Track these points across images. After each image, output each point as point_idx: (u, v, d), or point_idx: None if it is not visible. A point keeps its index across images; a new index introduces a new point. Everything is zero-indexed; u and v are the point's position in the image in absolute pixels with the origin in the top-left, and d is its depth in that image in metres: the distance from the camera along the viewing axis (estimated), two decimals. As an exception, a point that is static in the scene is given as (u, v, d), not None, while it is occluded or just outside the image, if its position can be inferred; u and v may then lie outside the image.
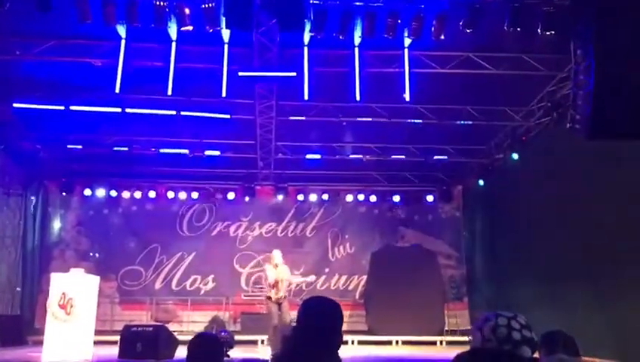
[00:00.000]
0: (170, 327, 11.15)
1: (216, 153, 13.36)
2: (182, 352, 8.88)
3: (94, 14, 8.24)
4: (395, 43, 9.77)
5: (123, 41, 9.86)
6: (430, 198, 15.44)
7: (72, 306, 8.78)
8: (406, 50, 9.99)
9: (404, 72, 10.04)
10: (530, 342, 2.21)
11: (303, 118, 12.19)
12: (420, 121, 11.80)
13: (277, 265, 9.85)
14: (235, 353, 9.37)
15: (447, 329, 13.57)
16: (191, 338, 3.03)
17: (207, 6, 8.09)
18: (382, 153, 13.63)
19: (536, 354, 2.33)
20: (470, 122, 11.94)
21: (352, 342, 12.79)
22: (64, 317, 8.72)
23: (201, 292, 15.11)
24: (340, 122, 12.07)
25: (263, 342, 12.36)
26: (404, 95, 10.12)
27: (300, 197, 15.44)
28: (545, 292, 10.82)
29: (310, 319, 2.41)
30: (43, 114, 11.46)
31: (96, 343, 9.74)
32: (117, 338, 12.18)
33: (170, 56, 10.04)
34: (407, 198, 15.50)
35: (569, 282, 10.03)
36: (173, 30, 9.51)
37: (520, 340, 2.22)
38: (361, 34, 8.77)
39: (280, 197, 15.37)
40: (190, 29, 8.39)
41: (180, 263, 15.21)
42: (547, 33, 8.05)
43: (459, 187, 15.65)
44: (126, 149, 13.16)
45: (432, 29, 8.37)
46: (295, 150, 13.75)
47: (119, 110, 11.49)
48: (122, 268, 14.88)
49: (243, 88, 10.63)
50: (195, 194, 15.11)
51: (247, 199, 15.26)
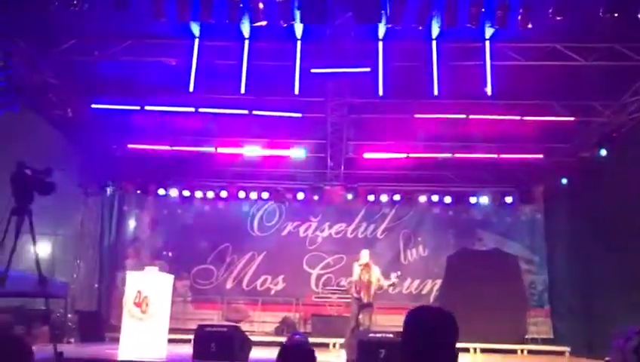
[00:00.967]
0: (242, 327, 11.07)
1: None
2: (256, 353, 8.74)
3: (169, 12, 8.22)
4: (474, 34, 9.30)
5: (196, 40, 9.89)
6: (509, 199, 14.66)
7: (147, 304, 8.79)
8: (487, 41, 9.48)
9: (486, 65, 9.52)
10: None
11: (375, 116, 11.89)
12: (501, 117, 11.21)
13: (365, 265, 9.63)
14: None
15: (528, 336, 12.81)
16: (283, 344, 2.75)
17: (281, 0, 7.89)
18: (457, 151, 13.08)
19: None
20: (555, 118, 11.25)
21: (427, 348, 12.27)
22: (140, 315, 8.75)
23: (272, 292, 15.01)
24: (414, 119, 11.65)
25: (335, 346, 12.08)
26: (486, 89, 9.59)
27: (371, 198, 15.03)
28: (638, 303, 9.96)
29: (422, 333, 2.06)
30: (119, 114, 11.68)
31: (169, 341, 9.76)
32: (189, 336, 12.31)
33: (242, 54, 10.00)
34: (485, 199, 14.78)
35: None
36: (246, 27, 9.43)
37: None
38: (441, 24, 8.32)
39: (350, 198, 15.03)
40: (264, 24, 8.23)
41: (251, 263, 15.18)
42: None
43: (540, 187, 14.77)
44: (199, 149, 13.26)
45: (519, 18, 7.80)
46: (366, 149, 13.39)
47: (192, 110, 11.56)
48: (194, 267, 15.00)
49: (314, 86, 10.42)
50: (265, 195, 15.02)
51: (317, 199, 15.03)
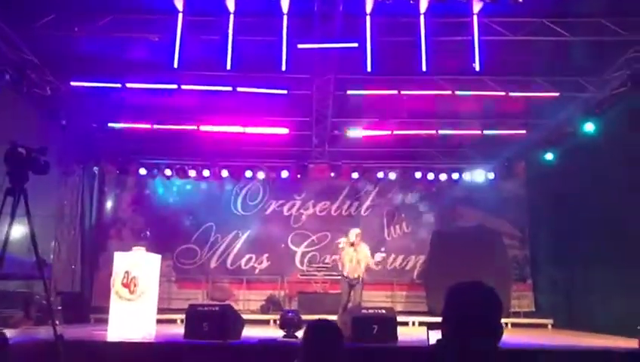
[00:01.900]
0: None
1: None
2: (248, 332, 8.71)
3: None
4: (463, 9, 9.25)
5: (180, 15, 9.63)
6: (491, 175, 14.81)
7: (135, 285, 8.71)
8: (475, 16, 9.43)
9: (474, 40, 9.48)
10: None
11: (361, 93, 11.81)
12: (486, 93, 11.24)
13: (353, 244, 9.67)
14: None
15: (511, 310, 13.03)
16: (308, 324, 2.70)
17: (270, -28, 7.70)
18: (441, 128, 13.09)
19: None
20: (539, 94, 11.31)
21: (413, 324, 12.44)
22: (128, 295, 8.67)
23: (256, 271, 14.99)
24: (400, 96, 11.61)
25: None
26: (474, 64, 9.56)
27: (355, 175, 15.03)
28: (618, 277, 10.18)
29: (466, 308, 2.03)
30: (100, 92, 11.38)
31: (157, 322, 9.70)
32: (174, 316, 12.30)
33: (227, 29, 9.78)
34: (467, 175, 14.90)
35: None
36: (231, 1, 9.21)
37: None
38: (431, -2, 8.23)
39: (334, 176, 15.01)
40: (252, -3, 8.02)
41: (235, 242, 15.11)
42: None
43: (522, 163, 14.95)
44: (180, 127, 13.03)
45: (510, -9, 7.76)
46: (351, 126, 13.31)
47: (175, 87, 11.33)
48: (178, 246, 14.88)
49: (302, 62, 10.27)
50: (248, 173, 14.89)
51: (301, 177, 14.97)
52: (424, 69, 9.56)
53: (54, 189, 13.08)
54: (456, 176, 14.92)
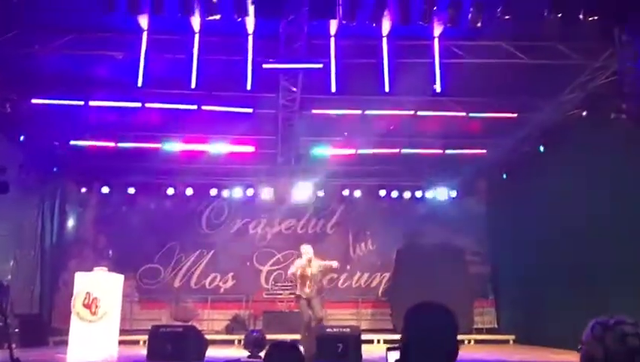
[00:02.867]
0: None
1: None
2: (212, 353, 8.63)
3: (118, 5, 7.96)
4: (424, 32, 9.49)
5: (145, 33, 9.62)
6: (454, 193, 15.10)
7: (97, 306, 8.55)
8: (436, 39, 9.69)
9: (435, 62, 9.73)
10: None
11: (325, 112, 11.95)
12: (447, 113, 11.51)
13: (309, 261, 9.70)
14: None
15: (474, 327, 13.23)
16: (269, 345, 2.74)
17: (235, -6, 7.80)
18: (405, 147, 13.32)
19: None
20: (498, 115, 11.63)
21: (378, 341, 12.50)
22: (89, 316, 8.51)
23: (221, 290, 14.88)
24: (364, 115, 11.79)
25: (287, 342, 12.09)
26: (434, 86, 9.80)
27: (320, 193, 15.13)
28: (575, 293, 10.47)
29: (424, 331, 2.10)
30: (62, 109, 11.23)
31: (119, 343, 9.53)
32: (136, 337, 12.08)
33: (192, 48, 9.81)
34: (430, 194, 15.15)
35: (599, 284, 9.69)
36: (196, 21, 9.25)
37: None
38: (393, 21, 8.44)
39: (300, 193, 15.07)
40: (218, 17, 8.10)
41: (199, 261, 14.99)
42: (589, 19, 7.68)
43: (484, 181, 15.30)
44: (144, 145, 12.93)
45: (469, 16, 8.02)
46: (316, 144, 13.42)
47: (139, 105, 11.26)
48: (141, 266, 14.69)
49: (267, 81, 10.36)
50: (213, 191, 14.83)
51: (267, 196, 14.97)
52: (387, 89, 9.75)
53: (14, 208, 12.76)
54: (419, 194, 15.18)
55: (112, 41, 9.75)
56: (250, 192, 14.93)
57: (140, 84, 9.70)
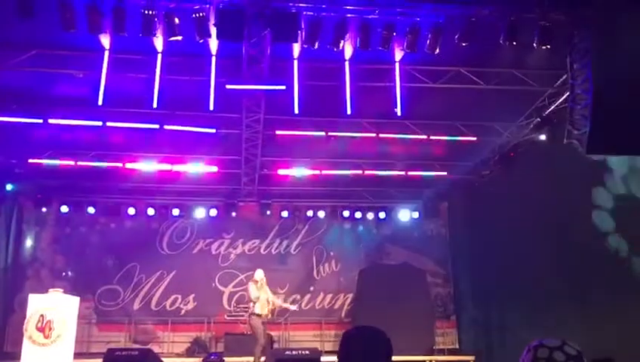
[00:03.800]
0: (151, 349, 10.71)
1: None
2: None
3: (79, 23, 7.90)
4: (386, 56, 9.66)
5: (106, 52, 9.55)
6: (416, 215, 15.27)
7: (50, 329, 8.34)
8: (397, 64, 9.88)
9: (395, 86, 9.91)
10: None
11: (289, 133, 11.99)
12: (409, 136, 11.70)
13: (261, 284, 9.75)
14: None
15: (435, 347, 13.31)
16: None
17: (197, 15, 7.83)
18: (368, 169, 13.45)
19: None
20: (459, 138, 11.87)
21: (340, 363, 12.44)
22: (42, 340, 8.30)
23: (182, 312, 14.64)
24: (327, 137, 11.89)
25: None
26: (396, 109, 9.97)
27: (284, 214, 15.12)
28: (531, 314, 10.67)
29: (356, 355, 2.13)
30: (19, 127, 11.02)
31: (74, 367, 9.29)
32: (94, 361, 11.76)
33: (155, 68, 9.78)
34: (393, 215, 15.29)
35: (554, 304, 9.91)
36: (159, 41, 9.23)
37: None
38: (355, 46, 8.59)
39: (264, 214, 15.03)
40: (179, 39, 8.10)
41: (160, 282, 14.74)
42: (543, 47, 7.96)
43: (445, 203, 15.53)
44: (105, 165, 12.74)
45: (427, 42, 8.21)
46: (280, 165, 13.45)
47: (100, 124, 11.13)
48: (99, 287, 14.34)
49: (229, 101, 10.38)
50: (175, 211, 14.68)
51: (230, 216, 14.89)
52: (349, 112, 9.88)
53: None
54: (382, 215, 15.29)
55: (73, 59, 9.67)
56: (213, 213, 14.83)
57: (101, 103, 9.61)
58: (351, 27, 8.30)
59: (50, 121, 10.82)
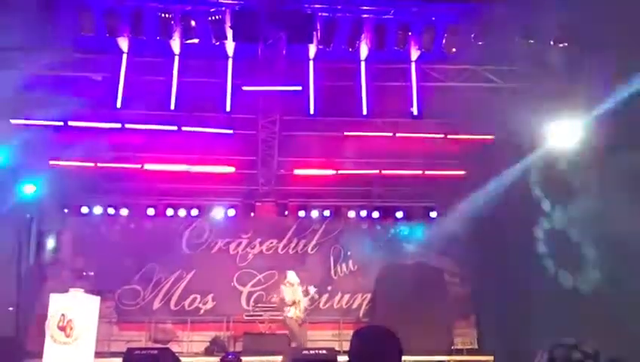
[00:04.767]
0: (170, 348, 10.82)
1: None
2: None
3: (98, 27, 8.04)
4: (401, 56, 9.66)
5: (125, 55, 9.70)
6: (434, 214, 15.19)
7: (71, 328, 8.48)
8: (413, 63, 9.88)
9: (412, 85, 9.91)
10: None
11: (306, 133, 12.04)
12: (426, 135, 11.67)
13: (292, 285, 9.77)
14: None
15: (454, 347, 13.25)
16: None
17: (213, 18, 7.92)
18: (385, 168, 13.43)
19: None
20: (475, 137, 11.82)
21: (357, 362, 12.43)
22: (63, 339, 8.43)
23: (201, 311, 14.73)
24: (344, 137, 11.91)
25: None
26: (412, 109, 9.97)
27: (301, 214, 15.14)
28: (556, 314, 10.55)
29: (367, 354, 2.15)
30: (40, 129, 11.21)
31: (94, 366, 9.43)
32: (116, 360, 11.90)
33: (172, 70, 9.92)
34: (411, 214, 15.24)
35: (576, 304, 9.79)
36: (176, 43, 9.35)
37: None
38: (370, 46, 8.61)
39: (281, 214, 15.09)
40: (196, 41, 8.23)
41: (179, 282, 14.85)
42: (559, 45, 7.90)
43: (463, 202, 15.39)
44: (124, 166, 12.91)
45: (443, 42, 8.20)
46: (297, 166, 13.49)
47: (119, 126, 11.28)
48: (120, 287, 14.49)
49: (246, 103, 10.46)
50: (194, 211, 14.80)
51: (248, 216, 14.98)
52: (364, 112, 9.90)
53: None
54: (400, 214, 15.24)
55: (92, 63, 9.83)
56: (231, 213, 14.92)
57: (119, 106, 9.76)
58: (366, 27, 8.33)
59: (70, 124, 10.99)
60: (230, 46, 9.29)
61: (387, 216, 15.22)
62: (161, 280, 14.75)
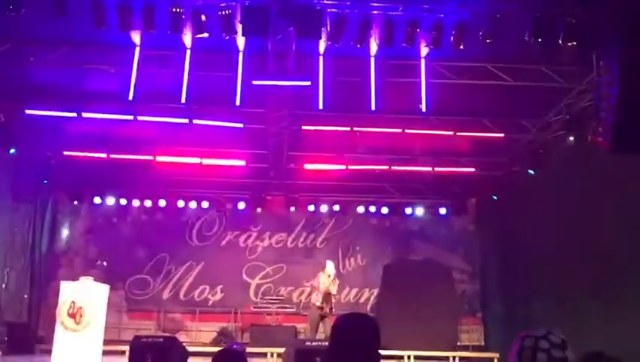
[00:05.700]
0: (178, 338, 10.98)
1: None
2: (192, 364, 8.70)
3: (110, 20, 8.16)
4: (411, 53, 9.68)
5: (137, 48, 9.83)
6: (443, 211, 15.22)
7: (81, 315, 8.64)
8: (423, 60, 9.89)
9: (421, 82, 9.92)
10: None
11: (315, 128, 12.09)
12: (435, 132, 11.67)
13: (330, 276, 9.89)
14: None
15: (459, 344, 13.29)
16: (216, 352, 2.87)
17: (223, 13, 8.00)
18: (394, 164, 13.46)
19: None
20: (486, 134, 11.79)
21: (363, 356, 12.52)
22: (73, 326, 8.59)
23: (210, 302, 14.93)
24: (354, 132, 11.94)
25: (273, 356, 12.13)
26: (420, 105, 9.99)
27: (311, 208, 15.26)
28: (559, 310, 10.55)
29: (347, 339, 2.24)
30: (55, 121, 11.40)
31: (104, 353, 9.59)
32: (124, 348, 12.08)
33: (184, 63, 10.03)
34: (420, 211, 15.28)
35: (583, 302, 9.78)
36: (187, 37, 9.45)
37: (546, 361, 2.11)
38: (379, 43, 8.64)
39: (290, 208, 15.20)
40: (206, 36, 8.30)
41: (189, 273, 15.05)
42: (569, 44, 7.88)
43: (473, 200, 15.42)
44: (136, 157, 13.06)
45: (452, 39, 8.21)
46: (306, 160, 13.57)
47: (131, 118, 11.42)
48: (130, 277, 14.74)
49: (256, 97, 10.54)
50: (205, 204, 14.97)
51: (258, 209, 15.13)
52: (373, 107, 9.94)
53: (6, 217, 12.91)
54: (409, 210, 15.29)
55: (105, 55, 9.97)
56: (241, 206, 15.06)
57: (131, 98, 9.89)
58: (375, 24, 8.36)
59: (83, 115, 11.15)
60: (241, 40, 9.37)
61: (396, 211, 15.27)
62: (172, 271, 14.97)
